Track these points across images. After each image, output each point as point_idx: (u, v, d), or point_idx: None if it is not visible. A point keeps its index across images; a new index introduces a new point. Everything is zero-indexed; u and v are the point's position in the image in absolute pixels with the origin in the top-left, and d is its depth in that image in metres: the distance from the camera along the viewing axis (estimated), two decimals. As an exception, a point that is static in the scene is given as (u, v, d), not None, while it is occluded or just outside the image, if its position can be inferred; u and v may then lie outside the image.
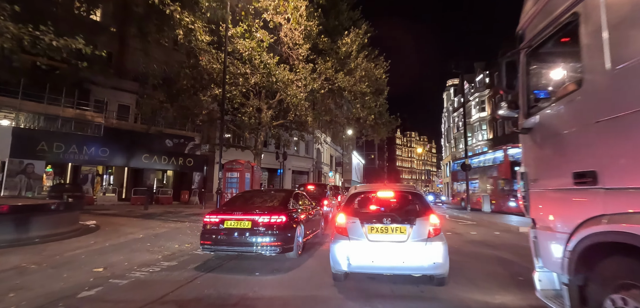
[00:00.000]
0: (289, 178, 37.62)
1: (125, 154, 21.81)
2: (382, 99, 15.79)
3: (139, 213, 14.07)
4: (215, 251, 6.40)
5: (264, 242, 5.96)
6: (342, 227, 4.66)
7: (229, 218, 6.20)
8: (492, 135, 41.05)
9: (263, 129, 16.99)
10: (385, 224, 4.47)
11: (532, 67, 3.08)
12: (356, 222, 4.58)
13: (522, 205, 3.20)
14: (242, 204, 7.01)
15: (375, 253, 4.39)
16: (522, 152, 3.27)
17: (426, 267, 4.29)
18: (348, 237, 4.54)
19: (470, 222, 14.34)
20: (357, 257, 4.44)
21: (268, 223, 6.04)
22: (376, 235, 4.45)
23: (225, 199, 12.85)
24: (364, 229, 4.49)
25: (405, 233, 4.38)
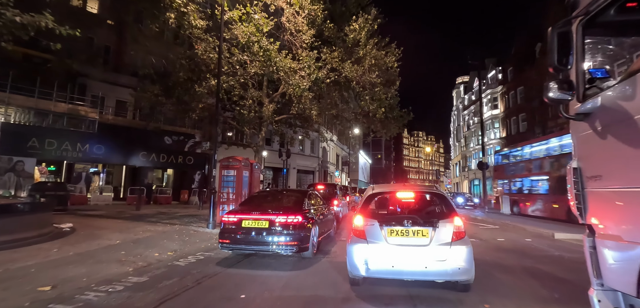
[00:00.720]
0: (293, 177, 36.45)
1: (121, 151, 20.85)
2: (393, 91, 14.42)
3: (129, 215, 13.00)
4: (233, 249, 6.61)
5: (281, 241, 6.07)
6: (360, 229, 4.42)
7: (247, 217, 6.31)
8: (506, 134, 39.33)
9: (264, 124, 15.79)
10: (406, 227, 4.23)
11: (589, 40, 2.64)
12: (375, 225, 4.34)
13: (574, 208, 2.65)
14: (258, 204, 7.00)
15: (396, 257, 4.14)
16: (574, 143, 2.76)
17: (450, 272, 4.03)
18: (366, 240, 4.31)
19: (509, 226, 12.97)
20: (376, 262, 4.19)
21: (285, 223, 6.13)
22: (396, 239, 4.22)
23: (221, 200, 11.70)
24: (383, 232, 4.27)
25: (427, 236, 4.15)
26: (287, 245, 6.06)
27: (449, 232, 4.14)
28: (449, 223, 4.20)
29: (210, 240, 8.61)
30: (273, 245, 6.10)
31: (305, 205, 6.97)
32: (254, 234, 6.17)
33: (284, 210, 6.38)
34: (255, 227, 6.20)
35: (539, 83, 32.66)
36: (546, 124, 30.66)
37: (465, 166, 52.59)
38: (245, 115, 13.99)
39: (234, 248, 6.42)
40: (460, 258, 4.01)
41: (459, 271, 4.01)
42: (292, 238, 6.08)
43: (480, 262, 6.52)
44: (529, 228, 11.52)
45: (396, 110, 15.48)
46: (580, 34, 2.53)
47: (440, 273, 4.08)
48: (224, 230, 6.37)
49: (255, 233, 6.16)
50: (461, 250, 4.05)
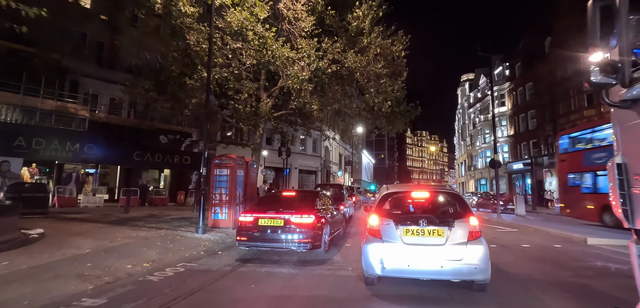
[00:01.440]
0: (295, 177, 35.43)
1: (114, 151, 19.90)
2: (400, 82, 13.32)
3: (115, 218, 12.03)
4: (250, 247, 6.87)
5: (296, 239, 6.34)
6: (375, 229, 4.48)
7: (262, 216, 6.61)
8: (514, 131, 38.10)
9: (262, 121, 14.80)
10: (422, 226, 4.26)
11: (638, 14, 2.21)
12: (390, 224, 4.39)
13: (618, 210, 2.27)
14: (272, 204, 7.26)
15: (411, 256, 4.18)
16: (617, 135, 2.39)
17: (466, 271, 4.06)
18: (381, 240, 4.37)
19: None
20: (391, 261, 4.24)
21: (299, 222, 6.41)
22: (412, 238, 4.27)
23: (213, 201, 10.71)
24: (399, 231, 4.32)
25: (443, 236, 4.19)
26: (301, 243, 6.31)
27: (464, 231, 4.16)
28: (465, 223, 4.23)
29: (197, 248, 7.61)
30: (288, 242, 6.36)
31: (317, 204, 7.26)
32: (269, 232, 6.46)
33: (297, 210, 6.65)
34: (270, 225, 6.50)
35: (549, 78, 31.53)
36: (557, 120, 29.46)
37: (471, 165, 51.36)
38: (241, 110, 13.01)
39: (250, 245, 6.71)
40: (476, 257, 4.02)
41: (475, 270, 4.01)
42: (306, 236, 6.35)
43: (513, 276, 5.48)
44: (553, 232, 10.40)
45: (403, 104, 14.41)
46: (626, 7, 2.13)
47: (456, 273, 4.09)
48: (241, 228, 6.69)
49: (271, 231, 6.46)
50: (477, 249, 4.07)
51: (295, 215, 6.47)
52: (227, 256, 7.06)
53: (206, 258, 6.85)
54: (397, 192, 5.31)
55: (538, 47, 33.31)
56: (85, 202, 17.62)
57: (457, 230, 4.16)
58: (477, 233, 4.20)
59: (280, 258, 6.80)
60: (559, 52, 28.88)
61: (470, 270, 4.02)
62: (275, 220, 6.52)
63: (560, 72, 29.17)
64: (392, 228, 4.34)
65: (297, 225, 6.40)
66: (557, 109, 29.71)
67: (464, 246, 4.08)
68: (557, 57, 29.50)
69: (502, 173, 41.38)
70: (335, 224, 8.31)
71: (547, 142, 31.67)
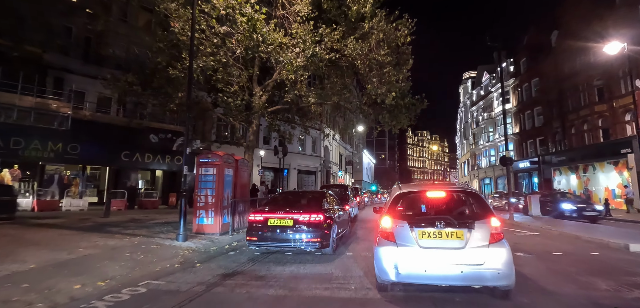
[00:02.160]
0: (294, 178, 34.26)
1: (100, 151, 18.78)
2: (405, 71, 12.15)
3: (90, 223, 10.89)
4: (260, 246, 6.92)
5: (305, 238, 6.43)
6: (389, 231, 4.20)
7: (272, 216, 6.69)
8: (519, 129, 36.92)
9: (255, 116, 13.67)
10: (439, 228, 3.97)
11: None
12: (405, 227, 4.11)
13: None
14: (281, 204, 7.34)
15: (429, 261, 3.88)
16: None
17: (489, 276, 3.75)
18: (395, 243, 4.10)
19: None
20: (407, 266, 3.95)
21: (308, 221, 6.49)
22: (429, 241, 3.98)
23: (198, 204, 9.55)
24: (414, 234, 4.04)
25: (462, 238, 3.90)
26: (310, 242, 6.42)
27: (485, 233, 3.90)
28: (486, 224, 3.95)
29: (173, 259, 6.46)
30: (297, 242, 6.46)
31: (325, 205, 7.31)
32: (278, 232, 6.56)
33: (306, 210, 6.75)
34: (280, 225, 6.58)
35: (556, 73, 30.38)
36: (566, 116, 28.28)
37: (474, 164, 50.19)
38: (231, 104, 11.86)
39: (260, 245, 6.81)
40: (499, 261, 3.76)
41: (499, 275, 3.75)
42: (315, 235, 6.43)
43: (560, 297, 4.25)
44: (583, 236, 9.17)
45: (408, 96, 13.26)
46: None
47: (478, 278, 3.80)
48: (251, 228, 6.81)
49: (280, 231, 6.55)
50: (500, 252, 3.80)
51: (304, 215, 6.56)
52: (205, 270, 5.90)
53: (180, 273, 5.70)
54: (411, 192, 4.84)
55: (544, 42, 32.16)
56: (68, 206, 16.48)
57: (477, 232, 3.88)
58: (500, 235, 3.93)
59: (269, 273, 5.65)
60: (567, 45, 27.75)
61: (493, 275, 3.74)
62: (284, 220, 6.62)
63: (568, 66, 27.99)
64: (406, 231, 4.07)
65: (306, 224, 6.50)
66: (565, 105, 28.52)
67: (486, 249, 3.80)
68: (565, 50, 28.36)
69: (507, 172, 40.31)
70: (342, 224, 8.42)
71: (555, 139, 30.50)
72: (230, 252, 7.56)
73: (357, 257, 6.93)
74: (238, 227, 10.33)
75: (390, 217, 4.27)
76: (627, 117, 22.57)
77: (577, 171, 26.84)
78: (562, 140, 29.24)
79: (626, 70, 22.17)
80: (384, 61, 11.22)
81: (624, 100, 22.51)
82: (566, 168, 28.24)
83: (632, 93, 22.09)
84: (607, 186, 23.11)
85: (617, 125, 23.08)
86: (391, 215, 4.30)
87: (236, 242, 8.70)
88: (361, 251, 7.54)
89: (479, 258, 3.75)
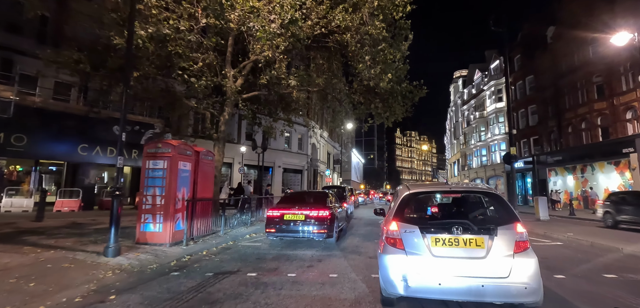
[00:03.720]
0: (279, 177, 32.19)
1: (53, 143, 16.37)
2: (404, 49, 10.31)
3: (10, 230, 8.69)
4: (277, 237, 8.36)
5: (315, 230, 7.88)
6: (396, 238, 3.64)
7: (287, 212, 8.11)
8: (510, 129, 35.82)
9: (229, 103, 11.68)
10: (456, 234, 3.44)
11: None
12: (415, 232, 3.56)
13: None
14: (293, 202, 8.61)
15: (443, 273, 3.33)
16: None
17: (514, 292, 3.17)
18: (404, 251, 3.54)
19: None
20: (417, 278, 3.38)
21: (317, 216, 7.95)
22: (443, 249, 3.44)
23: (143, 207, 7.52)
24: (426, 241, 3.50)
25: (483, 246, 3.36)
26: (318, 233, 7.88)
27: (510, 241, 3.34)
28: (510, 230, 3.41)
29: (82, 286, 4.49)
30: (307, 233, 7.88)
31: (328, 203, 8.67)
32: (292, 225, 7.96)
33: (314, 207, 8.14)
34: (294, 219, 7.99)
35: (552, 70, 29.32)
36: (563, 115, 27.17)
37: (465, 165, 49.16)
38: (195, 84, 9.83)
39: (278, 236, 8.21)
40: (526, 274, 3.19)
41: (526, 291, 3.15)
42: (322, 227, 7.86)
43: None
44: (628, 250, 7.44)
45: (405, 82, 11.49)
46: None
47: (501, 293, 3.20)
48: (269, 221, 8.14)
49: (294, 224, 7.96)
50: (527, 263, 3.24)
51: (313, 211, 7.91)
52: (118, 306, 3.94)
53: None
54: (421, 192, 4.30)
55: (539, 38, 31.08)
56: (8, 206, 14.10)
57: (500, 240, 3.35)
58: (526, 243, 3.39)
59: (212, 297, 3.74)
60: (565, 41, 26.67)
61: (519, 291, 3.16)
62: (297, 215, 7.96)
63: (565, 62, 26.89)
64: (417, 237, 3.54)
65: (315, 219, 7.86)
66: (562, 103, 27.42)
67: (511, 260, 3.26)
68: (562, 46, 27.26)
69: (499, 172, 39.17)
70: (341, 219, 10.02)
71: (550, 138, 29.43)
72: (174, 272, 5.58)
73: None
74: (198, 235, 8.33)
75: (397, 222, 3.72)
76: (628, 114, 21.48)
77: (575, 171, 25.75)
78: (557, 139, 28.16)
79: (628, 66, 21.20)
80: (379, 35, 9.36)
81: (626, 97, 21.42)
82: (562, 169, 27.15)
83: (634, 89, 21.12)
84: (607, 187, 21.96)
85: (618, 124, 21.97)
86: (399, 220, 3.74)
87: (189, 256, 6.72)
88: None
89: (503, 270, 3.25)
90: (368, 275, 5.41)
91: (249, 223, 11.64)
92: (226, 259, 6.70)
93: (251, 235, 9.96)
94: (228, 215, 10.86)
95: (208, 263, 6.34)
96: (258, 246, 8.22)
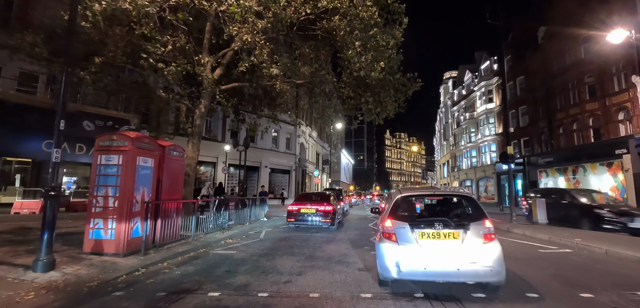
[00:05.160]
0: (266, 177, 30.99)
1: (12, 138, 14.93)
2: (398, 35, 9.38)
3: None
4: (296, 225, 11.63)
5: (322, 219, 11.26)
6: (390, 232, 4.41)
7: (302, 207, 11.57)
8: (502, 129, 35.56)
9: (206, 94, 10.58)
10: (437, 229, 4.25)
11: None
12: (405, 227, 4.35)
13: None
14: (306, 200, 12.24)
15: (428, 259, 4.13)
16: None
17: (482, 273, 4.04)
18: (397, 242, 4.32)
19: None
20: (407, 263, 4.17)
21: (324, 210, 11.33)
22: (427, 241, 4.24)
23: (93, 209, 6.34)
24: (414, 234, 4.28)
25: (458, 238, 4.19)
26: (324, 221, 11.23)
27: (480, 233, 4.16)
28: (479, 225, 4.22)
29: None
30: (316, 222, 11.27)
31: (331, 201, 12.20)
32: (306, 215, 11.37)
33: (321, 203, 11.65)
34: (307, 212, 11.42)
35: (543, 71, 29.05)
36: (554, 115, 26.86)
37: (454, 166, 48.87)
38: (163, 70, 8.69)
39: (296, 224, 11.56)
40: (491, 258, 4.03)
41: (491, 272, 4.01)
42: (327, 218, 11.24)
43: None
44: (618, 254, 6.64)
45: (399, 74, 10.59)
46: None
47: (472, 275, 4.06)
48: (289, 213, 11.66)
49: (307, 215, 11.37)
50: (492, 251, 4.07)
51: (321, 207, 11.46)
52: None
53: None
54: (410, 195, 5.25)
55: (530, 38, 30.81)
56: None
57: (472, 233, 4.15)
58: (492, 235, 4.18)
59: None
60: (556, 40, 26.38)
61: (485, 272, 4.00)
62: (309, 209, 11.49)
63: (557, 62, 26.60)
64: (407, 231, 4.29)
65: (322, 212, 11.34)
66: (553, 104, 27.11)
67: (480, 248, 4.08)
68: (553, 46, 26.98)
69: (490, 174, 38.87)
70: (340, 214, 13.58)
71: (541, 139, 29.13)
72: (117, 292, 4.48)
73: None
74: (162, 242, 7.19)
75: (391, 219, 4.47)
76: (620, 115, 21.16)
77: (566, 173, 25.39)
78: (548, 140, 27.85)
79: (621, 66, 20.92)
80: (370, 20, 8.41)
81: (618, 98, 21.09)
82: (554, 170, 26.79)
83: (627, 90, 20.84)
84: (600, 189, 21.58)
85: (610, 124, 21.64)
86: (392, 217, 4.49)
87: (144, 269, 5.60)
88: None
89: (474, 256, 4.01)
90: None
91: (226, 226, 10.53)
92: (189, 272, 5.62)
93: (227, 241, 8.86)
94: (204, 218, 9.76)
95: (165, 278, 5.26)
96: (231, 255, 7.14)
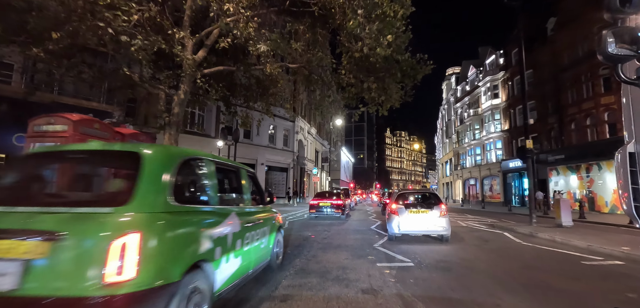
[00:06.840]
0: (262, 175, 29.58)
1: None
2: (407, 3, 7.95)
3: None
4: (316, 216, 15.10)
5: (335, 211, 14.92)
6: (394, 210, 8.49)
7: (321, 202, 15.24)
8: (508, 126, 34.20)
9: (185, 79, 9.22)
10: (418, 208, 8.50)
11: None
12: (402, 208, 8.49)
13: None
14: (323, 197, 16.08)
15: (413, 223, 8.34)
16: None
17: (440, 230, 8.30)
18: (398, 215, 8.37)
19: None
20: (403, 225, 8.32)
21: (336, 204, 15.04)
22: (413, 215, 8.38)
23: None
24: (407, 211, 8.43)
25: (428, 213, 8.35)
26: (337, 212, 14.90)
27: (439, 211, 8.32)
28: (439, 207, 8.40)
29: None
30: (332, 213, 14.88)
31: (342, 198, 15.79)
32: (323, 208, 15.01)
33: (334, 199, 15.36)
34: (324, 206, 15.06)
35: (553, 64, 27.68)
36: (565, 111, 25.48)
37: (457, 164, 47.48)
38: (130, 46, 7.31)
39: (316, 215, 15.06)
40: (444, 223, 8.26)
41: (444, 230, 8.27)
42: (339, 210, 14.96)
43: None
44: None
45: (406, 55, 9.21)
46: None
47: (434, 231, 8.39)
48: (311, 207, 15.33)
49: (324, 208, 15.01)
50: (445, 219, 8.30)
51: (334, 202, 15.11)
52: None
53: None
54: (404, 192, 10.05)
55: (539, 29, 29.39)
56: None
57: (435, 211, 8.32)
58: (445, 212, 8.37)
59: None
60: (567, 31, 25.00)
61: (441, 230, 8.29)
62: (326, 203, 15.11)
63: (568, 54, 25.21)
64: (403, 210, 8.43)
65: (335, 206, 14.98)
66: (564, 98, 25.73)
67: (438, 218, 8.25)
68: (564, 37, 25.58)
69: (495, 172, 37.49)
70: (347, 208, 17.46)
71: (550, 136, 27.76)
72: None
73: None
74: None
75: (395, 204, 8.67)
76: (639, 109, 19.78)
77: (579, 171, 24.05)
78: (559, 137, 26.48)
79: None
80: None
81: (637, 90, 19.70)
82: (565, 168, 25.46)
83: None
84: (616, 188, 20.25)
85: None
86: (396, 203, 8.73)
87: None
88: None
89: (436, 222, 8.25)
90: None
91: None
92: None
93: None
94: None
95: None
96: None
